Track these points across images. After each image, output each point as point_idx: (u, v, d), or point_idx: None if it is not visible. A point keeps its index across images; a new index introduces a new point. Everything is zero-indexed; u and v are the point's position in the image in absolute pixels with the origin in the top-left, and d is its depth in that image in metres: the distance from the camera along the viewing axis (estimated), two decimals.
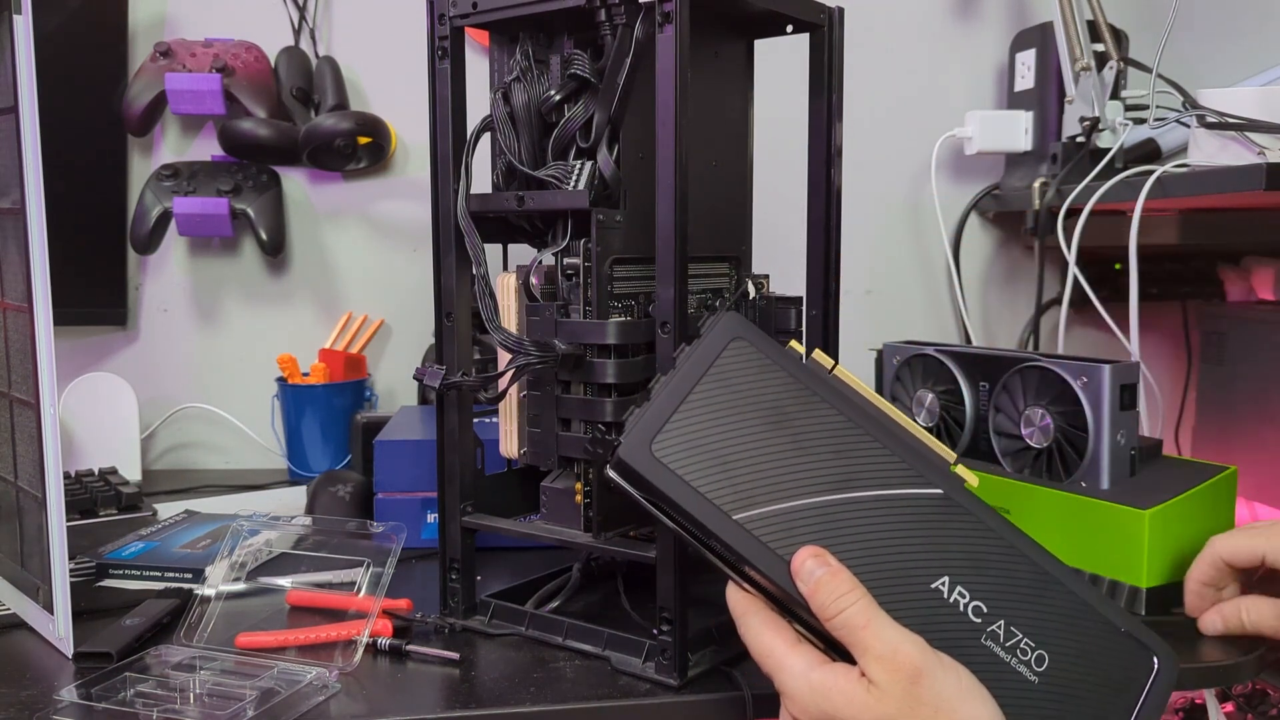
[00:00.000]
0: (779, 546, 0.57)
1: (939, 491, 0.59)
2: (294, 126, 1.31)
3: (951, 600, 0.57)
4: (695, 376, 0.61)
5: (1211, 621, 0.77)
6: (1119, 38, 1.24)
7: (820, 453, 0.59)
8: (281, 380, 1.32)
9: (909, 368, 1.02)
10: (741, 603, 0.59)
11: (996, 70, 1.43)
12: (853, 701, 0.53)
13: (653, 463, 0.59)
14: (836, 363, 0.62)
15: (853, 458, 0.59)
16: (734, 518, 0.58)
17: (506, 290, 0.78)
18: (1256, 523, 0.79)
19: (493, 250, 0.80)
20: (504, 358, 0.76)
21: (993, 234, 1.46)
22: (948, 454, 0.60)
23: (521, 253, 0.80)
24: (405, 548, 0.85)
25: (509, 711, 0.66)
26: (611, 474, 0.61)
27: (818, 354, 0.62)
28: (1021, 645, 0.57)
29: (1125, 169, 1.13)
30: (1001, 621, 0.57)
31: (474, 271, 0.76)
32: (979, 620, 0.57)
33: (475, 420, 0.81)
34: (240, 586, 0.86)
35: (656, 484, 0.59)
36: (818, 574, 0.55)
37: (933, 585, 0.57)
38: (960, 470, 0.60)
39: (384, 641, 0.75)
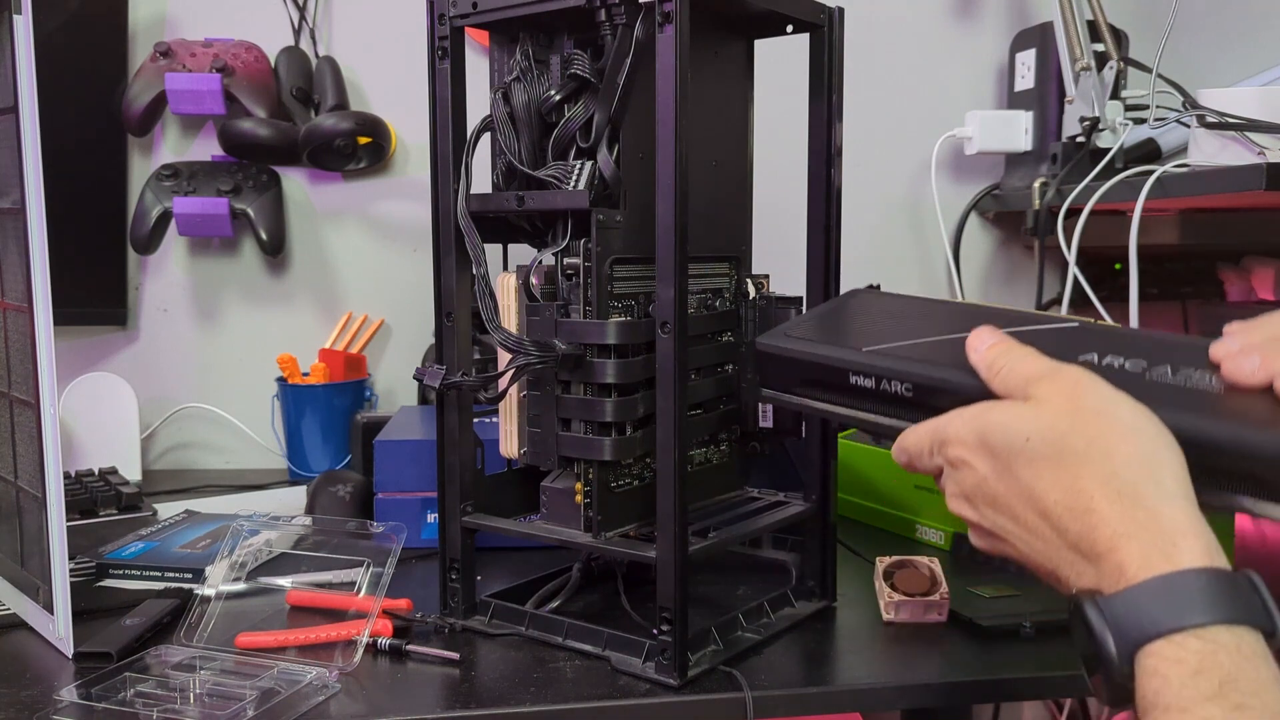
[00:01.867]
0: (917, 357, 0.59)
1: (1075, 323, 0.58)
2: (294, 126, 1.31)
3: (1105, 363, 0.55)
4: (818, 311, 0.68)
5: (1243, 363, 0.51)
6: (1119, 38, 1.24)
7: (945, 317, 0.62)
8: (281, 380, 1.32)
9: None
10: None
11: (996, 70, 1.43)
12: (1013, 416, 0.50)
13: (787, 340, 0.66)
14: None
15: (982, 316, 0.59)
16: (864, 350, 0.61)
17: (506, 290, 0.78)
18: None
19: (493, 250, 0.80)
20: (504, 358, 0.76)
21: (993, 234, 1.46)
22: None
23: (521, 253, 0.80)
24: (405, 548, 0.85)
25: (509, 711, 0.66)
26: (766, 392, 0.67)
27: None
28: (1190, 372, 0.53)
29: (1125, 169, 1.13)
30: (1166, 366, 0.53)
31: (474, 271, 0.76)
32: (1139, 370, 0.53)
33: (475, 420, 0.81)
34: (240, 586, 0.86)
35: (793, 352, 0.64)
36: (990, 340, 0.55)
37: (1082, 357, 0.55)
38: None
39: (384, 641, 0.75)
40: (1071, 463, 0.47)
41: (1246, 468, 0.48)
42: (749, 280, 0.85)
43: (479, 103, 0.78)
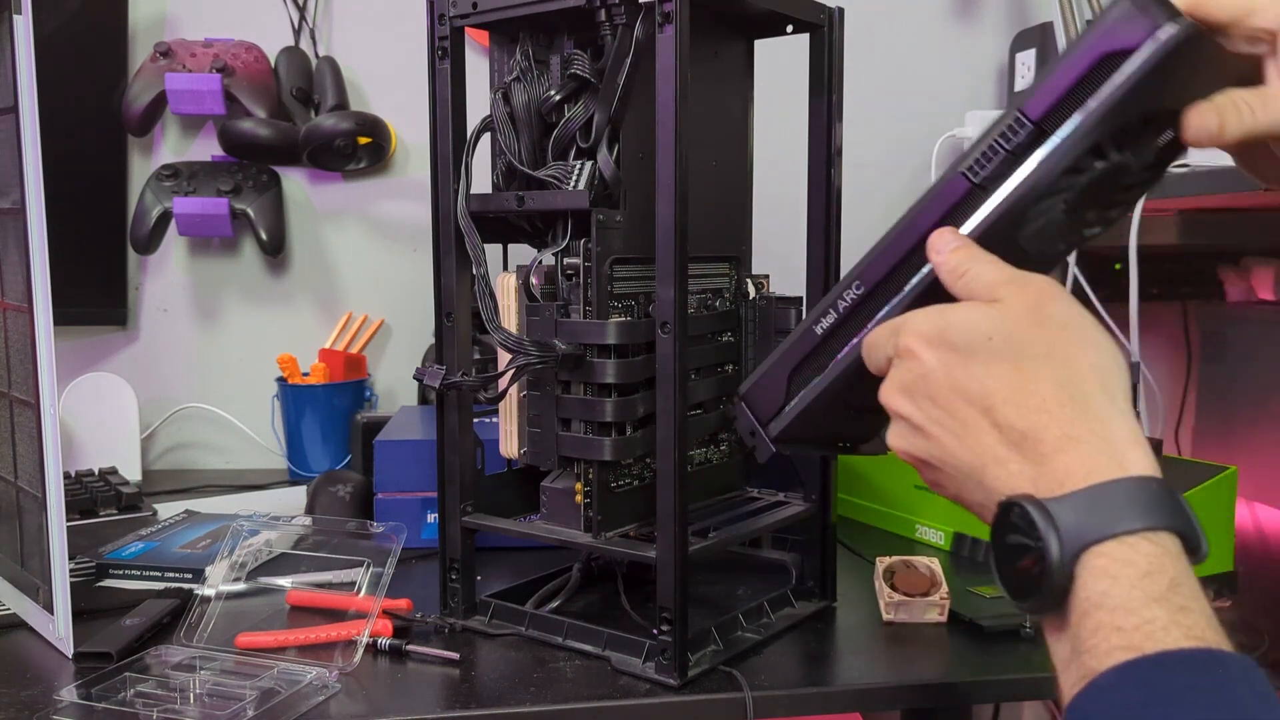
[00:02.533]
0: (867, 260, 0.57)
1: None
2: (294, 126, 1.31)
3: None
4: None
5: (1205, 122, 0.52)
6: None
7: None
8: (281, 380, 1.32)
9: None
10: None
11: (996, 70, 1.43)
12: (979, 316, 0.49)
13: (754, 372, 0.62)
14: None
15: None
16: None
17: (506, 290, 0.78)
18: None
19: (493, 250, 0.80)
20: (504, 358, 0.76)
21: None
22: None
23: (521, 253, 0.80)
24: (405, 548, 0.85)
25: (509, 711, 0.66)
26: (777, 438, 0.61)
27: None
28: None
29: None
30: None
31: (474, 271, 0.76)
32: None
33: (475, 420, 0.81)
34: (240, 586, 0.86)
35: (764, 367, 0.61)
36: (953, 244, 0.53)
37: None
38: None
39: (384, 641, 0.75)
40: (1030, 365, 0.47)
41: None
42: (749, 280, 0.85)
43: (479, 103, 0.78)
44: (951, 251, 0.53)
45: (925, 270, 0.54)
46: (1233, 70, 0.54)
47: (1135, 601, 0.41)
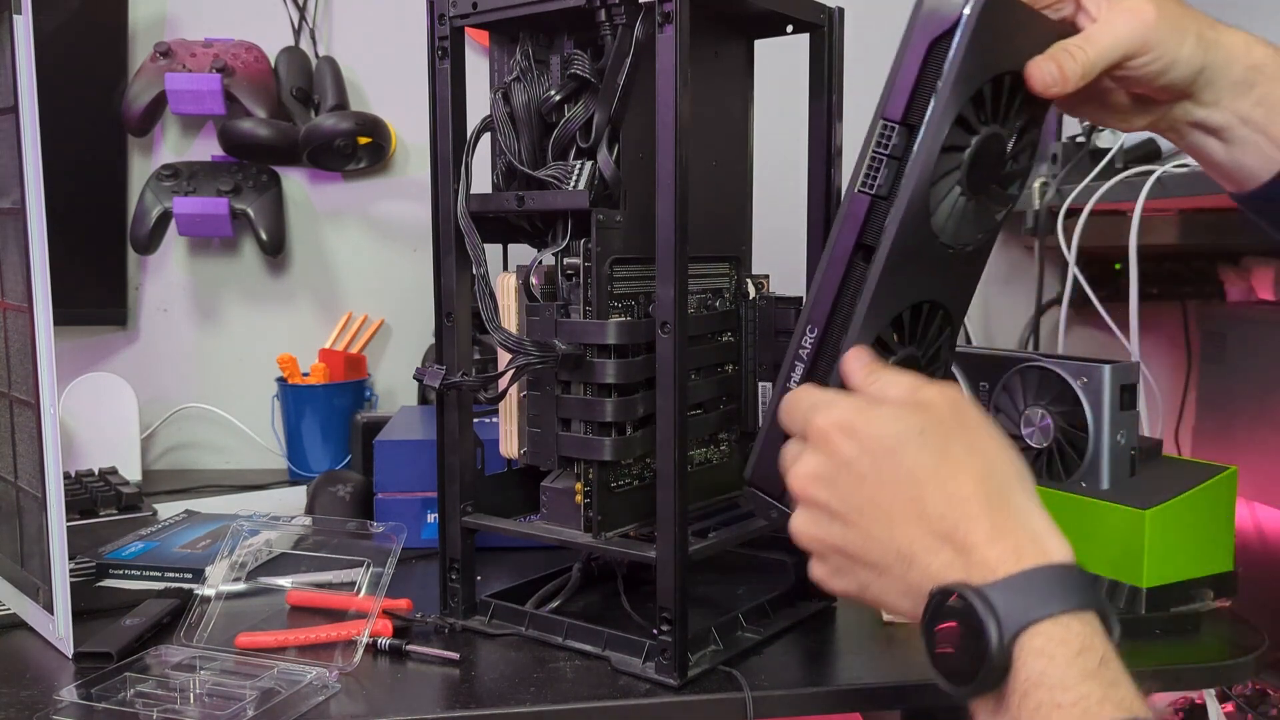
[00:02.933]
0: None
1: None
2: (294, 126, 1.31)
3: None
4: None
5: (1045, 70, 0.58)
6: None
7: None
8: (281, 380, 1.32)
9: None
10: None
11: None
12: (908, 411, 0.52)
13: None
14: None
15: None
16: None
17: (506, 290, 0.78)
18: None
19: (493, 250, 0.80)
20: (504, 358, 0.76)
21: None
22: None
23: (521, 253, 0.80)
24: (405, 548, 0.85)
25: (509, 711, 0.66)
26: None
27: None
28: None
29: (1125, 169, 1.13)
30: None
31: (474, 271, 0.76)
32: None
33: (475, 420, 0.81)
34: (240, 586, 0.86)
35: (761, 438, 0.63)
36: (865, 361, 0.56)
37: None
38: None
39: (384, 641, 0.75)
40: (955, 460, 0.50)
41: None
42: (749, 280, 0.85)
43: (479, 103, 0.78)
44: (865, 372, 0.56)
45: (860, 304, 0.58)
46: (1058, 32, 0.61)
47: (1072, 679, 0.44)
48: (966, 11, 0.56)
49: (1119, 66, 0.60)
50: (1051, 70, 0.58)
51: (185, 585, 0.87)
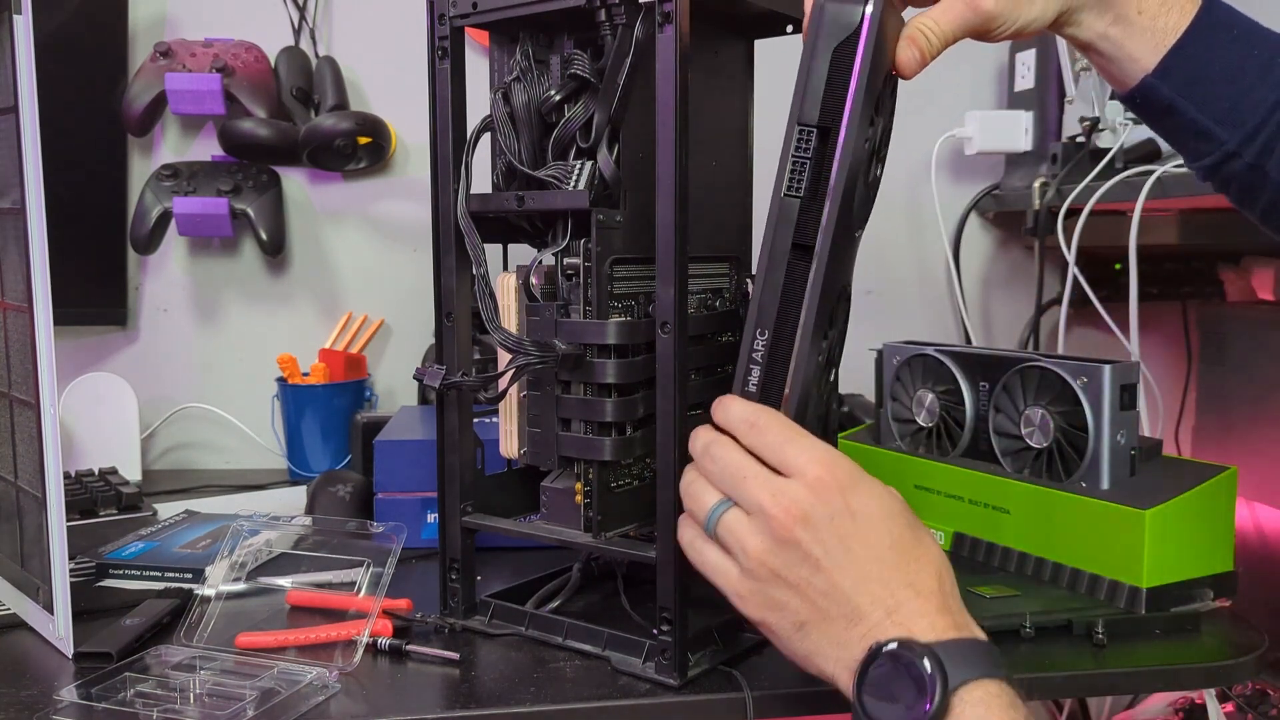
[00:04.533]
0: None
1: None
2: (294, 126, 1.31)
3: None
4: None
5: (908, 54, 0.65)
6: None
7: None
8: (281, 380, 1.32)
9: (909, 368, 1.02)
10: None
11: (996, 70, 1.43)
12: (874, 480, 0.60)
13: None
14: None
15: None
16: None
17: (506, 290, 0.78)
18: None
19: (493, 250, 0.80)
20: (504, 358, 0.76)
21: (993, 234, 1.46)
22: None
23: (521, 253, 0.80)
24: (405, 548, 0.85)
25: (509, 711, 0.67)
26: None
27: None
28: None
29: (1125, 169, 1.13)
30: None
31: (474, 271, 0.76)
32: None
33: (475, 420, 0.81)
34: (240, 586, 0.86)
35: None
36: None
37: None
38: None
39: (384, 641, 0.75)
40: (924, 544, 0.59)
41: None
42: (749, 280, 0.85)
43: (479, 103, 0.78)
44: (759, 434, 0.62)
45: (810, 300, 0.64)
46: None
47: None
48: (869, 13, 0.61)
49: (977, 34, 0.66)
50: (913, 54, 0.65)
51: (185, 585, 0.87)
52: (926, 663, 0.52)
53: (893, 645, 0.54)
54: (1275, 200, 0.68)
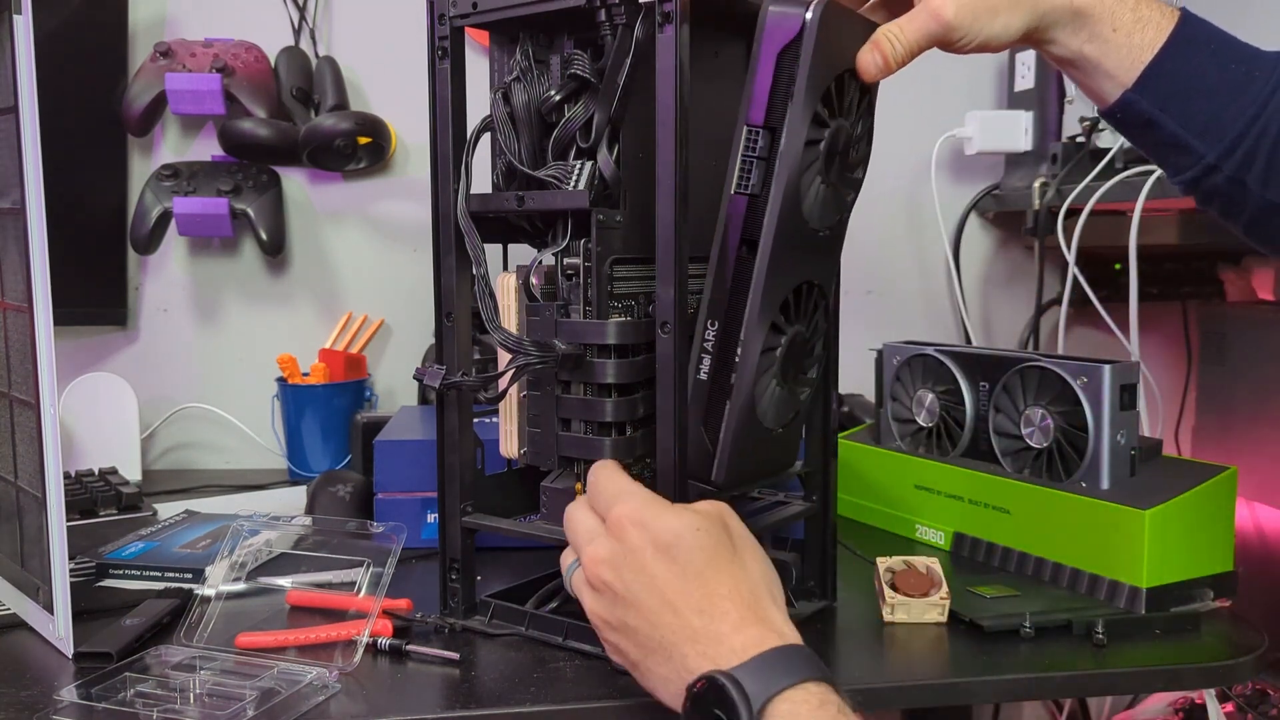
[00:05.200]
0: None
1: None
2: (294, 126, 1.31)
3: None
4: None
5: (870, 59, 0.68)
6: None
7: None
8: (281, 380, 1.32)
9: (909, 368, 1.02)
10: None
11: (996, 70, 1.43)
12: (684, 511, 0.62)
13: None
14: None
15: None
16: None
17: (506, 290, 0.78)
18: None
19: (493, 250, 0.80)
20: (504, 358, 0.76)
21: (993, 234, 1.46)
22: None
23: (521, 253, 0.80)
24: (405, 548, 0.85)
25: (509, 711, 0.67)
26: None
27: None
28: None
29: (1125, 169, 1.13)
30: None
31: (474, 271, 0.76)
32: None
33: (475, 420, 0.81)
34: (240, 586, 0.86)
35: None
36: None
37: None
38: None
39: (384, 641, 0.75)
40: (718, 560, 0.60)
41: None
42: None
43: (479, 103, 0.78)
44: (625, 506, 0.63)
45: (754, 293, 0.67)
46: (887, 14, 0.71)
47: None
48: (809, 16, 0.64)
49: (942, 45, 0.69)
50: (876, 58, 0.68)
51: (185, 585, 0.87)
52: (729, 688, 0.53)
53: (701, 683, 0.55)
54: (1258, 214, 0.69)
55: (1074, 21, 0.68)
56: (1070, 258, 1.17)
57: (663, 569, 0.59)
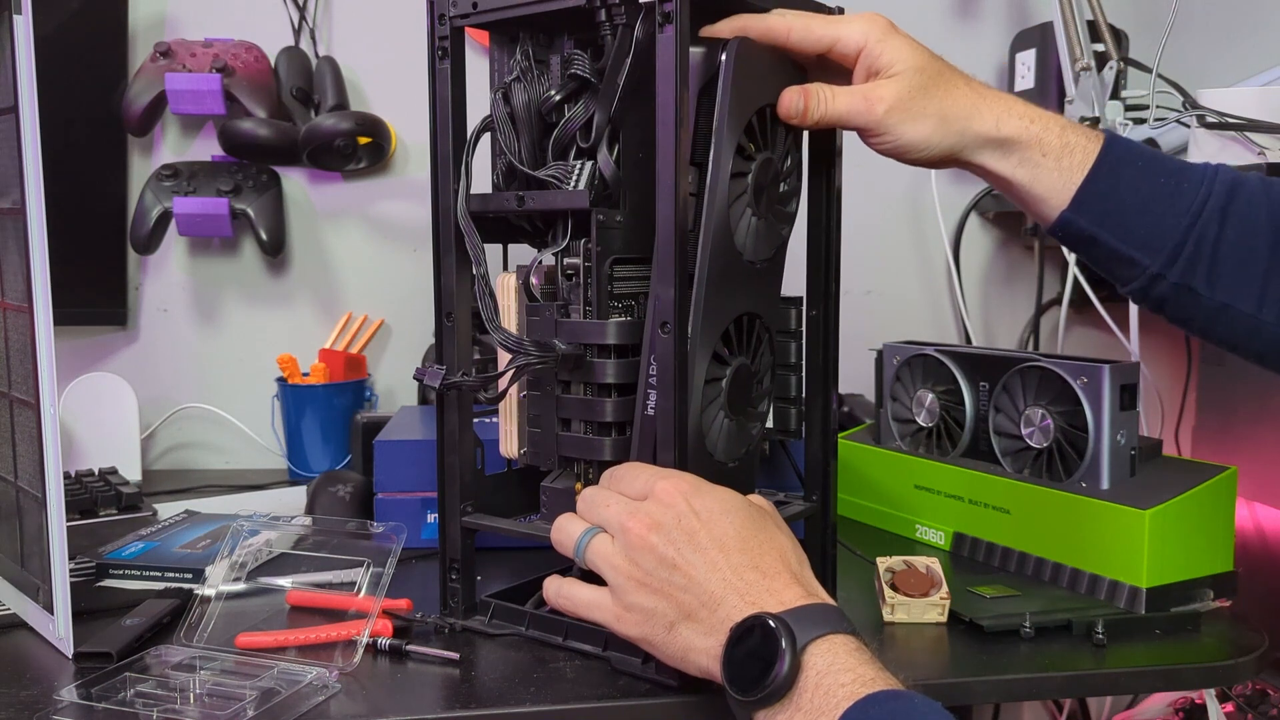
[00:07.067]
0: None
1: None
2: (294, 126, 1.31)
3: None
4: None
5: (793, 102, 0.72)
6: (1119, 38, 1.24)
7: None
8: (281, 380, 1.32)
9: (909, 368, 1.02)
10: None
11: (996, 70, 1.43)
12: (731, 493, 0.66)
13: None
14: None
15: None
16: None
17: (506, 290, 0.78)
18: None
19: (493, 250, 0.80)
20: (504, 358, 0.76)
21: (993, 234, 1.46)
22: None
23: (521, 253, 0.80)
24: (405, 548, 0.85)
25: (509, 711, 0.67)
26: None
27: None
28: None
29: None
30: None
31: (474, 271, 0.76)
32: None
33: (475, 420, 0.81)
34: (240, 586, 0.86)
35: None
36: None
37: None
38: None
39: (384, 641, 0.75)
40: (768, 531, 0.65)
41: None
42: None
43: (479, 103, 0.78)
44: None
45: (693, 325, 0.68)
46: (810, 67, 0.74)
47: (851, 663, 0.57)
48: (723, 59, 0.68)
49: (864, 135, 0.73)
50: (799, 104, 0.72)
51: (185, 585, 0.87)
52: (776, 628, 0.58)
53: (748, 623, 0.59)
54: (1212, 315, 0.71)
55: (1002, 148, 0.72)
56: (1070, 258, 1.17)
57: (719, 532, 0.63)
